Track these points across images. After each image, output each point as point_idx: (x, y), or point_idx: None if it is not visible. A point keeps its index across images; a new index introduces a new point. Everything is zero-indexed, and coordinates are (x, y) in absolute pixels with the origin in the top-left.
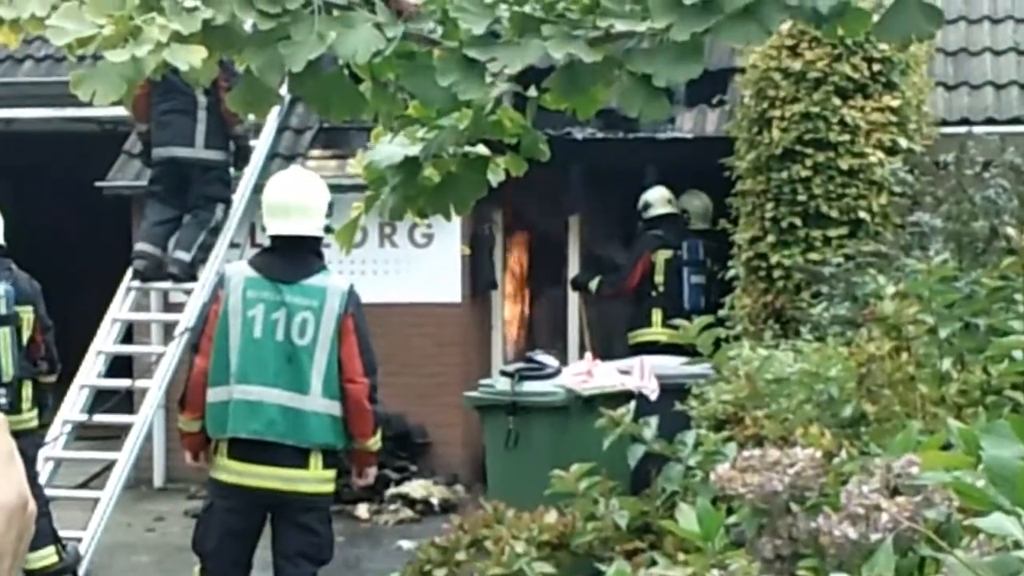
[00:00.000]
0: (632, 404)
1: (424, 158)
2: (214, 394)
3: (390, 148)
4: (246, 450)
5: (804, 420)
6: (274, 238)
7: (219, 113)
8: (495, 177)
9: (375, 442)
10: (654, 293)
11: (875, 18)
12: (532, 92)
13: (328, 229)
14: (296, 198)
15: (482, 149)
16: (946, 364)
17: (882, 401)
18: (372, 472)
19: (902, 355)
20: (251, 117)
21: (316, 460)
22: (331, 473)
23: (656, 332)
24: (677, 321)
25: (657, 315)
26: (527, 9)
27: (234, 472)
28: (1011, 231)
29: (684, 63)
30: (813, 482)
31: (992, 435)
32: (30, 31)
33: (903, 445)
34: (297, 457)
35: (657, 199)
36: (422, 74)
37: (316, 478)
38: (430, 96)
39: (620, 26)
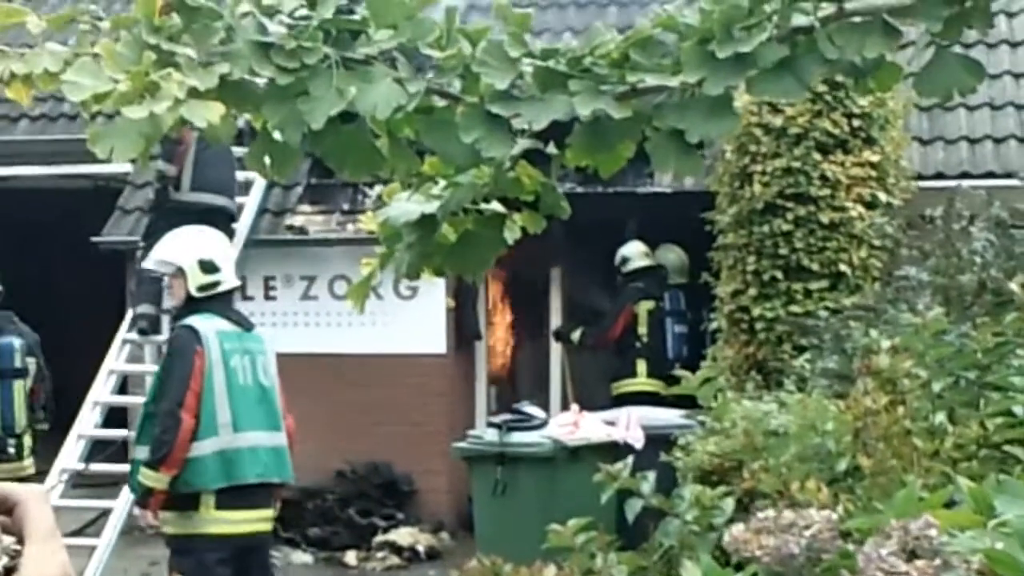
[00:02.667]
0: (630, 459)
1: (442, 216)
2: (200, 447)
3: (406, 205)
4: (234, 498)
5: (801, 474)
6: (212, 288)
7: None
8: (511, 235)
9: None
10: (638, 344)
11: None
12: (552, 149)
13: None
14: (228, 252)
15: (497, 206)
16: (939, 418)
17: (877, 455)
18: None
19: (898, 409)
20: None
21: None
22: None
23: (641, 383)
24: (679, 372)
25: (642, 366)
26: (551, 64)
27: (227, 522)
28: (1014, 286)
29: (717, 118)
30: (830, 544)
31: (1005, 494)
32: (42, 87)
33: (906, 502)
34: (268, 497)
35: (635, 253)
36: (442, 130)
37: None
38: (451, 152)
39: (650, 80)
